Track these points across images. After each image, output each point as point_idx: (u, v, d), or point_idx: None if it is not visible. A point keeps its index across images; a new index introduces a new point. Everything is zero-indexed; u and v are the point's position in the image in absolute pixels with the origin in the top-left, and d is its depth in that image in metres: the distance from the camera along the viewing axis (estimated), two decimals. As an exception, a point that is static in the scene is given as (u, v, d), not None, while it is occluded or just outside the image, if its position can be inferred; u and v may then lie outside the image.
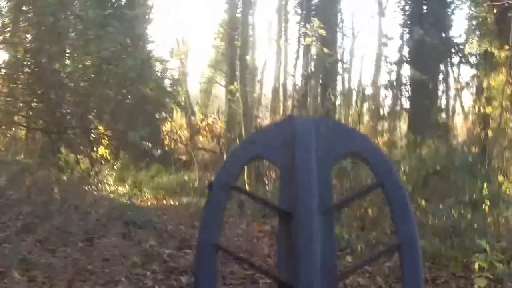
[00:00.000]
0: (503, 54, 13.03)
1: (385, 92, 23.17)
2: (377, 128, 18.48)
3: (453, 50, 21.05)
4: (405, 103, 22.29)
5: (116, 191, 14.28)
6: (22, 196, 8.94)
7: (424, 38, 18.39)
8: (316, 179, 1.14)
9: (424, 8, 20.76)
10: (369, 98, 21.26)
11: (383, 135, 17.64)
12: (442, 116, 21.59)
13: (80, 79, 13.94)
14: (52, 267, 5.75)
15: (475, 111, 17.46)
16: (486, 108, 14.80)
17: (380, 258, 5.01)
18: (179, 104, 23.72)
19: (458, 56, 21.32)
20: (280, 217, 1.16)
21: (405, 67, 22.62)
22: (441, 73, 22.66)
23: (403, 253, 1.07)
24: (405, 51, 22.44)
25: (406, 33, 21.68)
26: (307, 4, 23.36)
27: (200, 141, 21.78)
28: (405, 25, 21.66)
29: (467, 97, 27.28)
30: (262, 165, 12.64)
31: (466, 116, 21.86)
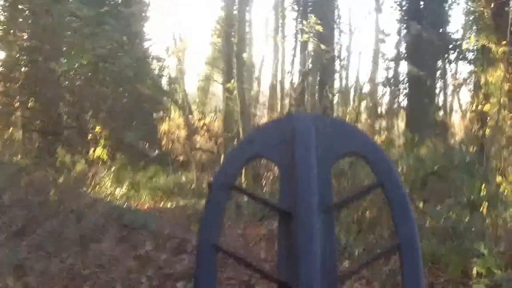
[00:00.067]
0: (501, 49, 13.00)
1: (383, 89, 23.21)
2: (375, 126, 18.43)
3: (451, 46, 21.01)
4: (403, 101, 22.29)
5: (113, 193, 14.20)
6: (18, 198, 8.89)
7: (421, 34, 18.33)
8: (316, 178, 1.13)
9: (421, 4, 20.72)
10: (367, 96, 21.24)
11: (381, 134, 17.61)
12: (440, 114, 21.58)
13: (76, 78, 13.87)
14: (47, 273, 5.71)
15: (473, 108, 17.46)
16: (484, 105, 14.78)
17: (380, 259, 4.95)
18: (176, 103, 23.68)
19: (456, 52, 21.29)
20: (280, 217, 1.14)
21: (403, 64, 22.63)
22: (439, 70, 22.66)
23: (403, 253, 1.07)
24: (403, 47, 22.45)
25: (403, 29, 21.65)
26: (304, 1, 23.33)
27: (198, 141, 21.76)
28: (402, 21, 21.62)
29: (465, 94, 27.34)
30: (260, 166, 12.61)
31: (464, 114, 21.87)
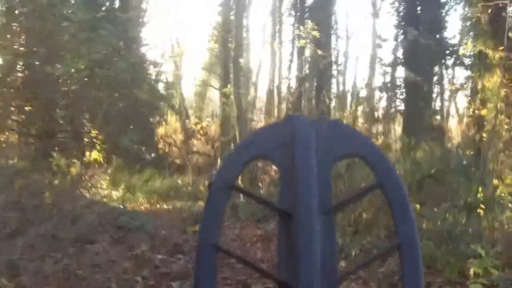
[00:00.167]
0: (498, 55, 13.01)
1: (380, 94, 23.21)
2: (372, 131, 18.43)
3: (448, 52, 21.03)
4: (400, 105, 22.28)
5: (110, 196, 14.17)
6: (12, 201, 8.86)
7: (418, 39, 18.34)
8: (316, 179, 1.13)
9: (418, 9, 20.73)
10: (364, 101, 21.26)
11: (378, 138, 17.60)
12: (437, 119, 21.58)
13: (72, 83, 13.82)
14: (41, 273, 5.68)
15: (470, 113, 17.46)
16: (481, 110, 14.79)
17: (381, 258, 5.02)
18: (173, 108, 23.67)
19: (453, 58, 21.31)
20: (280, 217, 1.15)
21: (400, 69, 22.65)
22: (436, 75, 22.67)
23: (403, 253, 1.07)
24: (400, 53, 22.47)
25: (400, 34, 21.66)
26: (301, 6, 23.34)
27: (195, 145, 21.74)
28: (399, 26, 21.63)
29: (462, 99, 27.36)
30: (256, 169, 12.60)
31: (461, 119, 21.88)
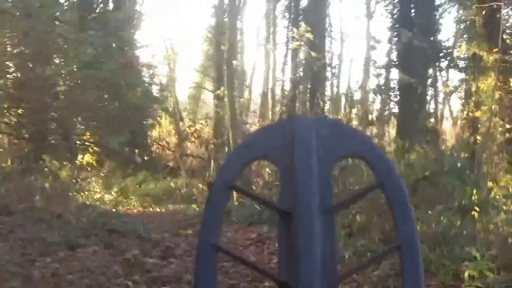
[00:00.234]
0: (492, 58, 13.01)
1: (374, 97, 23.21)
2: (366, 133, 18.39)
3: (442, 54, 21.04)
4: (394, 108, 22.28)
5: (102, 199, 14.13)
6: (3, 203, 8.76)
7: (412, 41, 18.33)
8: (317, 179, 1.12)
9: (412, 12, 20.75)
10: (358, 103, 21.25)
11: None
12: (431, 121, 21.59)
13: (62, 84, 13.71)
14: (31, 278, 5.59)
15: (464, 116, 17.46)
16: (475, 113, 14.78)
17: (381, 259, 4.99)
18: (167, 110, 23.60)
19: (447, 60, 21.32)
20: (280, 217, 1.14)
21: (394, 72, 22.64)
22: (430, 78, 22.68)
23: (403, 254, 1.06)
24: (394, 55, 22.47)
25: (394, 37, 21.65)
26: (295, 9, 23.33)
27: (188, 147, 21.72)
28: (393, 29, 21.63)
29: (456, 102, 27.41)
30: (250, 172, 12.57)
31: (455, 121, 21.90)
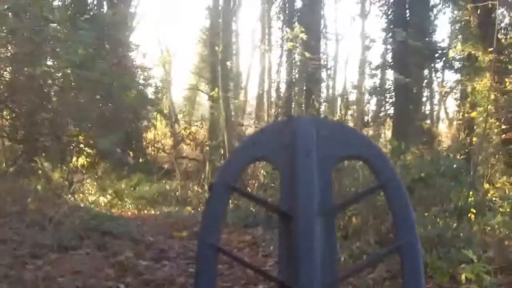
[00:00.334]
0: (487, 58, 12.99)
1: (369, 98, 23.19)
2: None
3: (437, 55, 21.04)
4: (389, 109, 22.25)
5: (97, 201, 14.07)
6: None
7: (407, 41, 18.32)
8: (317, 180, 1.13)
9: (407, 12, 20.75)
10: (353, 104, 21.24)
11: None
12: (427, 122, 21.59)
13: (52, 84, 13.62)
14: (21, 280, 5.53)
15: (460, 117, 17.45)
16: (471, 113, 14.77)
17: (381, 261, 4.97)
18: (162, 112, 23.55)
19: (442, 61, 21.32)
20: (280, 218, 1.15)
21: (389, 73, 22.63)
22: (425, 79, 22.68)
23: (404, 255, 1.07)
24: (389, 56, 22.45)
25: (389, 37, 21.63)
26: (290, 10, 23.30)
27: (184, 150, 21.69)
28: (388, 30, 21.60)
29: (451, 103, 27.45)
30: (245, 174, 12.51)
31: (451, 122, 21.92)
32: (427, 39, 20.42)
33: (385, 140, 19.69)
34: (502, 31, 14.02)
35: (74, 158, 15.87)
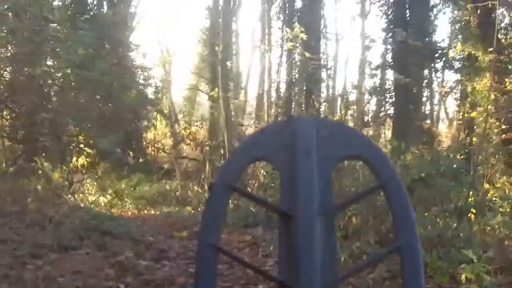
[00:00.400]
0: (487, 58, 12.98)
1: (369, 98, 23.17)
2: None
3: (437, 55, 21.02)
4: (389, 109, 22.23)
5: (97, 201, 14.07)
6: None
7: (407, 41, 18.30)
8: (317, 180, 1.13)
9: (407, 12, 20.73)
10: (353, 104, 21.22)
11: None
12: (427, 122, 21.57)
13: (52, 84, 13.61)
14: (21, 280, 5.52)
15: (460, 117, 17.44)
16: (471, 113, 14.76)
17: (381, 260, 4.96)
18: (162, 113, 23.54)
19: (442, 61, 21.30)
20: (280, 218, 1.15)
21: (389, 73, 22.61)
22: (425, 79, 22.66)
23: (404, 255, 1.07)
24: (389, 56, 22.43)
25: (389, 37, 21.61)
26: (290, 10, 23.27)
27: (184, 150, 21.67)
28: (388, 30, 21.58)
29: (451, 103, 27.42)
30: (244, 174, 12.50)
31: (451, 122, 21.90)
32: (427, 39, 20.41)
33: (385, 140, 19.67)
34: (502, 31, 14.02)
35: (74, 158, 15.86)
